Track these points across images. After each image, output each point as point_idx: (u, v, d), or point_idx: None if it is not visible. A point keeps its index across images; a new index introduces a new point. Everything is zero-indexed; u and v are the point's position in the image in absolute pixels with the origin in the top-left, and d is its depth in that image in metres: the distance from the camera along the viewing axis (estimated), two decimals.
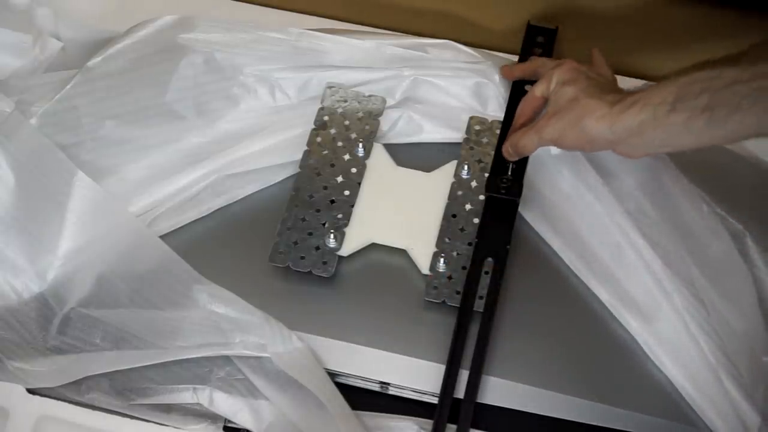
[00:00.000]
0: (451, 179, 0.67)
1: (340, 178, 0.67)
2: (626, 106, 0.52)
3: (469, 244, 0.64)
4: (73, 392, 0.60)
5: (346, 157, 0.68)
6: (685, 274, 0.62)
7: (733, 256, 0.62)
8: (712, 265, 0.62)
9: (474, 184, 0.67)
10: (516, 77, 0.68)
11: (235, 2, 0.78)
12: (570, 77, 0.58)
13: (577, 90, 0.56)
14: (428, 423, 0.59)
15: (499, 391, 0.60)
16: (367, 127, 0.69)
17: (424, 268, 0.64)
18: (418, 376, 0.61)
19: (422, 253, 0.64)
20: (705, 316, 0.60)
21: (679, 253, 0.63)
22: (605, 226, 0.64)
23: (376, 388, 0.62)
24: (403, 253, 0.65)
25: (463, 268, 0.63)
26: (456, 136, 0.70)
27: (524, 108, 0.64)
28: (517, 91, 0.69)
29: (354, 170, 0.68)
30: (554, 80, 0.59)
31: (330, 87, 0.71)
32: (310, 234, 0.65)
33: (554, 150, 0.67)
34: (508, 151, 0.63)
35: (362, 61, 0.71)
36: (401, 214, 0.66)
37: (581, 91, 0.56)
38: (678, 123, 0.50)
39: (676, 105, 0.50)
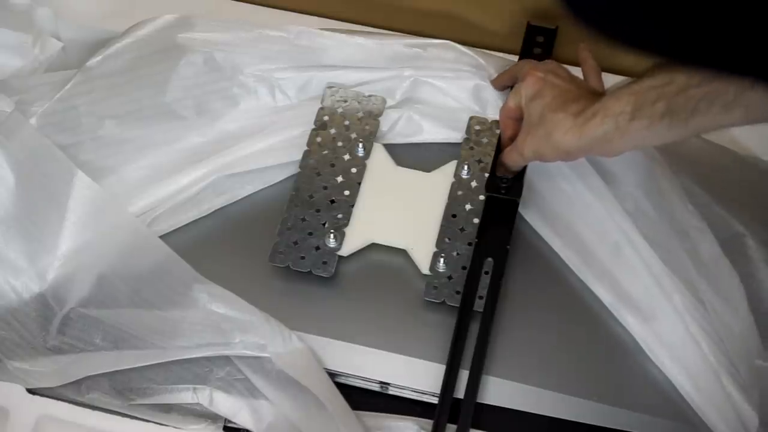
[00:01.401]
0: (451, 179, 0.67)
1: (340, 178, 0.67)
2: (588, 118, 0.54)
3: (469, 244, 0.64)
4: (73, 392, 0.60)
5: (346, 157, 0.68)
6: (685, 273, 0.62)
7: (719, 256, 0.62)
8: (705, 265, 0.62)
9: (474, 184, 0.67)
10: (504, 85, 0.69)
11: (235, 2, 0.78)
12: (535, 91, 0.59)
13: (542, 105, 0.58)
14: (428, 423, 0.59)
15: (499, 391, 0.60)
16: (367, 127, 0.69)
17: (424, 268, 0.64)
18: (418, 376, 0.61)
19: (422, 253, 0.64)
20: (704, 316, 0.61)
21: (678, 253, 0.63)
22: (605, 226, 0.64)
23: (376, 388, 0.62)
24: (403, 253, 0.65)
25: (463, 268, 0.63)
26: (456, 136, 0.70)
27: (504, 120, 0.64)
28: None
29: (354, 170, 0.68)
30: (522, 94, 0.60)
31: (330, 87, 0.71)
32: (310, 234, 0.65)
33: None
34: (503, 170, 0.64)
35: (362, 61, 0.71)
36: (401, 214, 0.66)
37: (546, 106, 0.57)
38: (640, 129, 0.51)
39: (635, 114, 0.51)
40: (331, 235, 0.64)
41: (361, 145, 0.68)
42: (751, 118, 0.48)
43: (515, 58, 0.71)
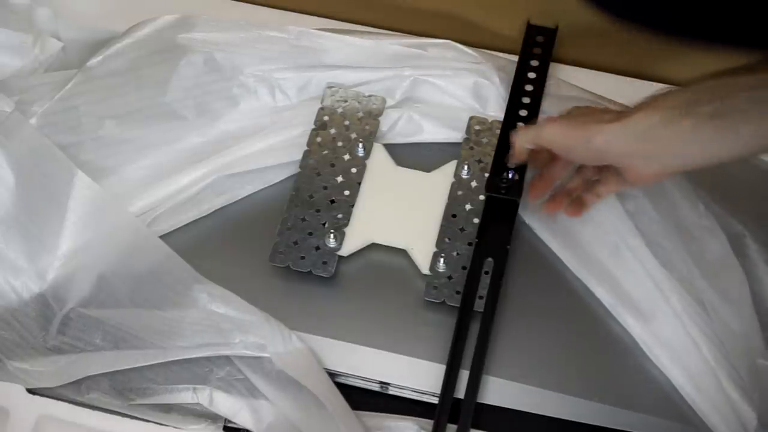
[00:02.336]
0: (451, 179, 0.67)
1: (340, 178, 0.67)
2: (634, 111, 0.50)
3: (469, 244, 0.64)
4: (73, 392, 0.60)
5: (346, 157, 0.68)
6: (685, 274, 0.62)
7: (728, 256, 0.62)
8: (710, 266, 0.62)
9: (474, 184, 0.67)
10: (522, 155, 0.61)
11: (235, 2, 0.78)
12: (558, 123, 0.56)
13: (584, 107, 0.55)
14: (428, 423, 0.58)
15: (499, 391, 0.60)
16: (367, 127, 0.69)
17: (424, 268, 0.64)
18: (418, 376, 0.61)
19: (422, 253, 0.64)
20: (704, 316, 0.61)
21: (679, 254, 0.63)
22: (605, 226, 0.64)
23: (376, 388, 0.62)
24: (403, 253, 0.65)
25: (463, 268, 0.63)
26: (456, 136, 0.70)
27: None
28: (517, 92, 0.69)
29: (354, 170, 0.68)
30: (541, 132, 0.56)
31: (330, 87, 0.71)
32: (310, 234, 0.65)
33: None
34: (509, 158, 0.62)
35: (362, 61, 0.71)
36: (401, 214, 0.66)
37: (580, 112, 0.56)
38: (687, 128, 0.48)
39: (687, 109, 0.48)
40: (331, 235, 0.64)
41: (361, 145, 0.68)
42: None
43: (515, 58, 0.71)
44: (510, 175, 0.64)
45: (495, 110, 0.70)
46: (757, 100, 0.46)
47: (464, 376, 0.59)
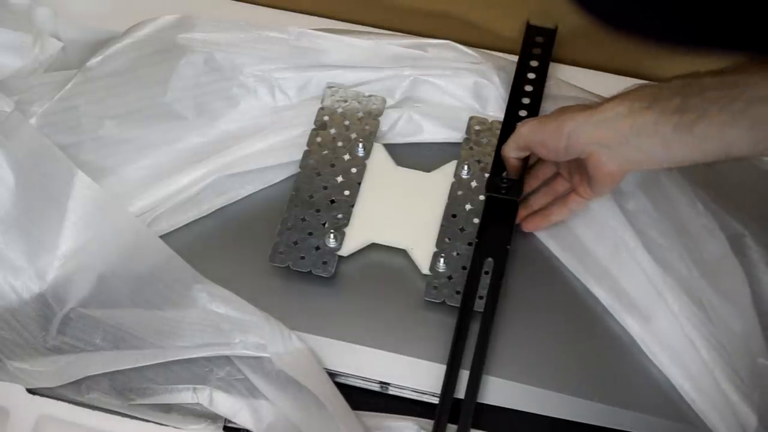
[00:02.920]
0: (451, 179, 0.67)
1: (340, 178, 0.67)
2: (604, 102, 0.53)
3: (469, 244, 0.64)
4: (73, 392, 0.60)
5: (346, 157, 0.68)
6: (684, 274, 0.62)
7: (728, 256, 0.62)
8: (709, 265, 0.62)
9: (474, 184, 0.67)
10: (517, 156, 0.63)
11: (235, 2, 0.78)
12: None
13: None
14: (428, 423, 0.59)
15: (499, 391, 0.60)
16: (367, 127, 0.69)
17: (424, 268, 0.64)
18: (418, 376, 0.61)
19: (422, 253, 0.64)
20: (702, 316, 0.61)
21: (678, 253, 0.63)
22: (604, 226, 0.64)
23: (376, 388, 0.62)
24: (403, 253, 0.65)
25: (463, 268, 0.63)
26: (456, 136, 0.70)
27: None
28: (517, 92, 0.69)
29: (354, 170, 0.68)
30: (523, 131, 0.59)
31: (330, 87, 0.71)
32: (310, 234, 0.65)
33: None
34: (505, 168, 0.64)
35: (362, 61, 0.71)
36: (401, 214, 0.66)
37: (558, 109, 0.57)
38: (649, 121, 0.50)
39: (651, 105, 0.50)
40: (331, 235, 0.64)
41: (361, 145, 0.68)
42: (755, 136, 0.47)
43: (515, 58, 0.71)
44: (510, 175, 0.64)
45: (495, 110, 0.70)
46: (714, 100, 0.47)
47: (464, 376, 0.59)
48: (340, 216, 0.66)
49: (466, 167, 0.67)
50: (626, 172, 0.56)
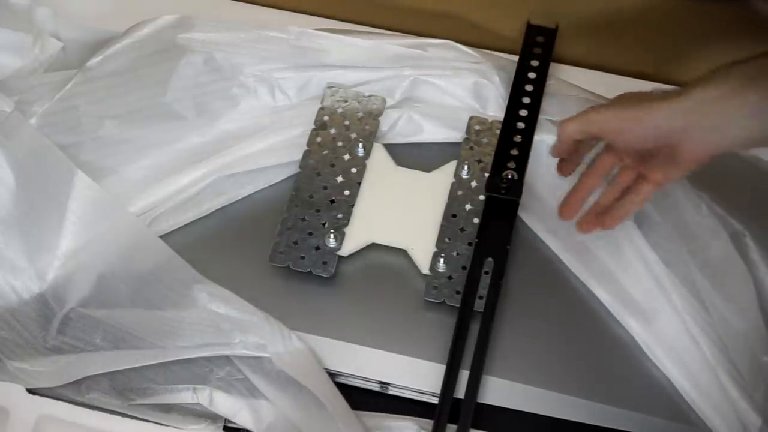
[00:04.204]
0: (451, 179, 0.67)
1: (340, 178, 0.67)
2: (691, 87, 0.50)
3: (469, 244, 0.64)
4: (73, 392, 0.60)
5: (346, 157, 0.68)
6: (686, 274, 0.62)
7: (732, 256, 0.62)
8: (712, 266, 0.62)
9: (474, 184, 0.67)
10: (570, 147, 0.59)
11: (235, 2, 0.78)
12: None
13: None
14: (428, 423, 0.58)
15: (499, 391, 0.60)
16: (367, 127, 0.69)
17: (424, 268, 0.64)
18: (418, 376, 0.61)
19: (422, 253, 0.64)
20: (705, 316, 0.61)
21: (680, 253, 0.63)
22: None
23: (376, 388, 0.62)
24: (403, 253, 0.65)
25: (463, 268, 0.63)
26: (456, 136, 0.70)
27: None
28: (517, 92, 0.69)
29: (354, 170, 0.68)
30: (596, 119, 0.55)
31: (330, 87, 0.71)
32: (310, 234, 0.65)
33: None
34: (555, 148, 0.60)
35: (362, 61, 0.71)
36: (401, 214, 0.66)
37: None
38: (754, 101, 0.47)
39: (746, 85, 0.47)
40: (331, 235, 0.64)
41: (361, 145, 0.68)
42: None
43: (515, 58, 0.71)
44: (510, 175, 0.64)
45: (495, 110, 0.70)
46: None
47: (464, 376, 0.59)
48: (340, 216, 0.66)
49: (466, 167, 0.67)
50: (712, 156, 0.52)
